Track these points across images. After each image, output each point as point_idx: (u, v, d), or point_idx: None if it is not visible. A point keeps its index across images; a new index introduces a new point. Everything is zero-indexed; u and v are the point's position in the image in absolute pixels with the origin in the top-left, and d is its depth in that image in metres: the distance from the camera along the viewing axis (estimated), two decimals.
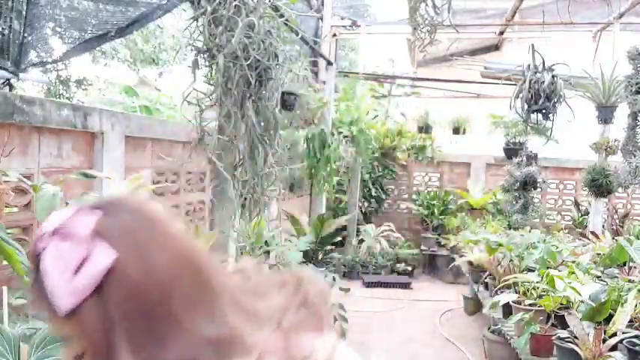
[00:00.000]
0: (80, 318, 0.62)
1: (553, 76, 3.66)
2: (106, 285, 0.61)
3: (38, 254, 0.63)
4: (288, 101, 3.87)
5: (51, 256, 0.62)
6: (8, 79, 2.58)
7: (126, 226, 0.65)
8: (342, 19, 6.81)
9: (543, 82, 3.62)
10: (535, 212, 6.37)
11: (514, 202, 6.14)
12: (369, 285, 6.17)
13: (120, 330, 0.61)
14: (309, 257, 4.82)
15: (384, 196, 7.54)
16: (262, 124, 2.33)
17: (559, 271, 3.04)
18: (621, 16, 5.57)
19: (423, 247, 7.05)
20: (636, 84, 3.96)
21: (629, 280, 2.91)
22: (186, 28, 2.27)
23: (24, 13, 2.55)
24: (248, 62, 2.14)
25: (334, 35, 6.59)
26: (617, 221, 5.48)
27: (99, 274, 0.61)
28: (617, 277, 3.14)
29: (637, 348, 2.31)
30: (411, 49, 9.05)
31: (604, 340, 2.35)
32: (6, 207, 1.91)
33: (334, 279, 4.06)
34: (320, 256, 5.15)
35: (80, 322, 0.62)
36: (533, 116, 3.78)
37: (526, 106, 3.74)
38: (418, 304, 5.58)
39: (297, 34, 3.18)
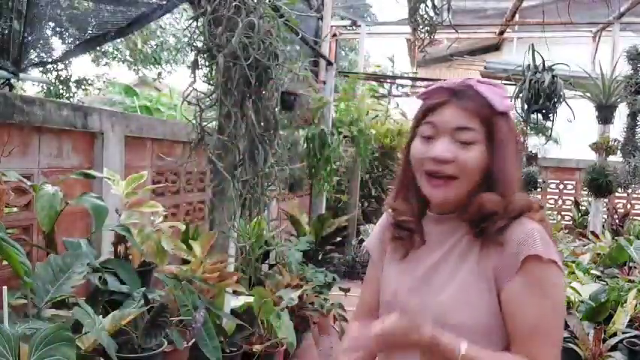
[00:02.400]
0: (504, 118, 1.08)
1: (553, 76, 3.65)
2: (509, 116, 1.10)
3: (463, 84, 1.08)
4: (288, 101, 3.86)
5: (489, 87, 1.08)
6: (8, 79, 2.58)
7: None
8: (342, 19, 6.81)
9: (543, 82, 3.61)
10: None
11: None
12: None
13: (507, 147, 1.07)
14: (309, 257, 4.81)
15: (384, 196, 7.53)
16: (262, 124, 2.33)
17: None
18: (621, 16, 5.57)
19: None
20: (636, 84, 3.96)
21: (629, 280, 2.91)
22: (187, 28, 2.26)
23: (24, 13, 2.55)
24: (248, 62, 2.13)
25: (334, 35, 6.58)
26: (617, 221, 5.47)
27: (512, 106, 1.09)
28: (617, 277, 3.14)
29: (637, 348, 2.31)
30: (411, 49, 9.05)
31: (604, 340, 2.35)
32: (6, 207, 1.91)
33: (334, 279, 4.06)
34: (320, 256, 5.14)
35: (504, 120, 1.08)
36: (533, 116, 3.77)
37: (526, 106, 3.73)
38: None
39: (297, 34, 3.17)
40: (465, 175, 1.04)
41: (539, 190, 6.45)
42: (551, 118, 3.73)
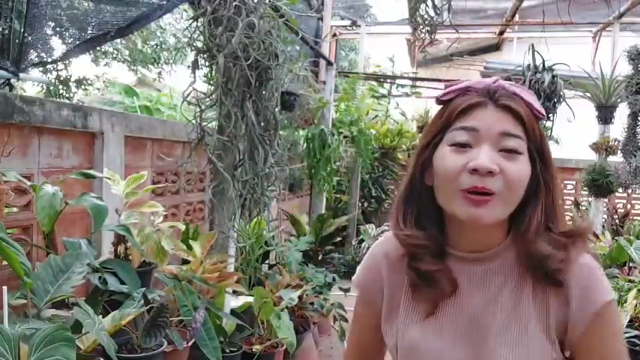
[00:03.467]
0: (537, 122, 0.92)
1: (553, 76, 3.65)
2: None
3: (497, 84, 0.91)
4: (288, 101, 3.86)
5: (524, 90, 0.92)
6: (8, 79, 2.58)
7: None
8: (342, 19, 6.81)
9: (543, 82, 3.61)
10: None
11: None
12: None
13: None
14: (309, 257, 4.82)
15: (384, 196, 7.53)
16: (262, 124, 2.33)
17: None
18: (621, 16, 5.57)
19: None
20: (636, 84, 3.96)
21: (629, 280, 2.91)
22: (187, 28, 2.27)
23: (24, 13, 2.55)
24: (248, 62, 2.13)
25: (334, 35, 6.59)
26: (617, 221, 5.47)
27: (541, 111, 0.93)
28: (617, 277, 3.14)
29: (637, 348, 2.31)
30: (411, 49, 9.05)
31: None
32: (6, 207, 1.91)
33: (334, 279, 4.06)
34: (320, 256, 5.14)
35: (537, 124, 0.91)
36: None
37: None
38: None
39: (297, 35, 3.18)
40: (511, 192, 0.86)
41: None
42: (551, 118, 3.73)
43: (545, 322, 0.88)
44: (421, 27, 3.29)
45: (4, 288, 1.50)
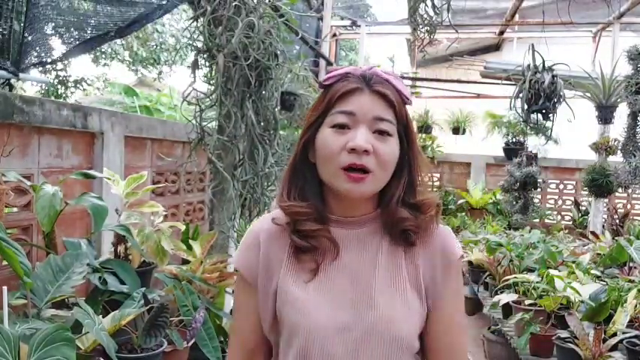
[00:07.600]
0: (405, 107, 1.02)
1: (553, 76, 3.66)
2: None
3: (372, 71, 1.02)
4: (288, 101, 3.85)
5: (395, 77, 1.03)
6: (8, 79, 2.58)
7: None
8: (342, 19, 6.81)
9: (543, 82, 3.61)
10: (535, 212, 6.37)
11: (514, 202, 6.14)
12: None
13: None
14: None
15: None
16: (262, 124, 2.33)
17: (559, 271, 3.04)
18: (621, 16, 5.57)
19: None
20: (636, 84, 3.96)
21: (629, 280, 2.91)
22: (186, 28, 2.27)
23: (24, 13, 2.55)
24: (248, 62, 2.14)
25: (334, 35, 6.59)
26: (617, 221, 5.47)
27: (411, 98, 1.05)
28: (617, 277, 3.14)
29: (637, 348, 2.31)
30: (410, 49, 9.05)
31: (604, 340, 2.34)
32: (6, 207, 1.91)
33: None
34: None
35: (405, 109, 1.02)
36: (533, 116, 3.77)
37: (526, 106, 3.73)
38: None
39: (297, 34, 3.18)
40: (383, 169, 0.97)
41: (539, 190, 6.45)
42: (551, 118, 3.73)
43: (415, 279, 1.01)
44: (421, 27, 3.29)
45: (4, 288, 1.50)
